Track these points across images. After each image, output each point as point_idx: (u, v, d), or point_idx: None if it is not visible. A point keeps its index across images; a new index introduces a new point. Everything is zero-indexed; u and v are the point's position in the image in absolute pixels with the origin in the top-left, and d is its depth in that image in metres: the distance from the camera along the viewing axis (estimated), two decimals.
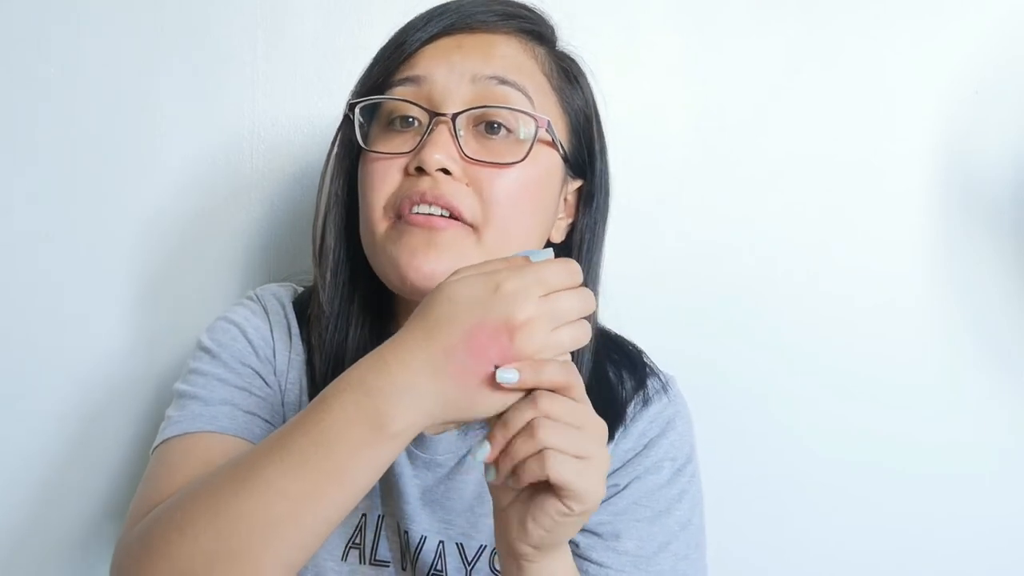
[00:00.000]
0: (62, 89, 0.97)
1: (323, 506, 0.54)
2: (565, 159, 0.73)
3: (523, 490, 0.56)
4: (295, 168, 0.99)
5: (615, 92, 0.80)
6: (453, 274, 0.56)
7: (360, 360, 0.55)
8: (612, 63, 0.80)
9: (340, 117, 0.96)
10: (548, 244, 0.75)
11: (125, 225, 0.98)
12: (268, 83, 0.98)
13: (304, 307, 0.78)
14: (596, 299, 0.77)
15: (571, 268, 0.56)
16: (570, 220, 0.77)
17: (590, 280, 0.77)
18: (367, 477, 0.54)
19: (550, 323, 0.53)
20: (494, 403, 0.54)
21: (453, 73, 0.68)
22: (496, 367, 0.52)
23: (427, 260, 0.66)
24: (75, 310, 0.97)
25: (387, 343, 0.55)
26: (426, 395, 0.53)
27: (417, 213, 0.66)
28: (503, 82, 0.69)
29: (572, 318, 0.55)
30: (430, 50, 0.70)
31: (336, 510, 0.54)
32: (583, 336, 0.56)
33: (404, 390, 0.53)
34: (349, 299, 0.74)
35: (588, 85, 0.77)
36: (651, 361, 0.81)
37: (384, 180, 0.69)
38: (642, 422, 0.76)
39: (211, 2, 0.98)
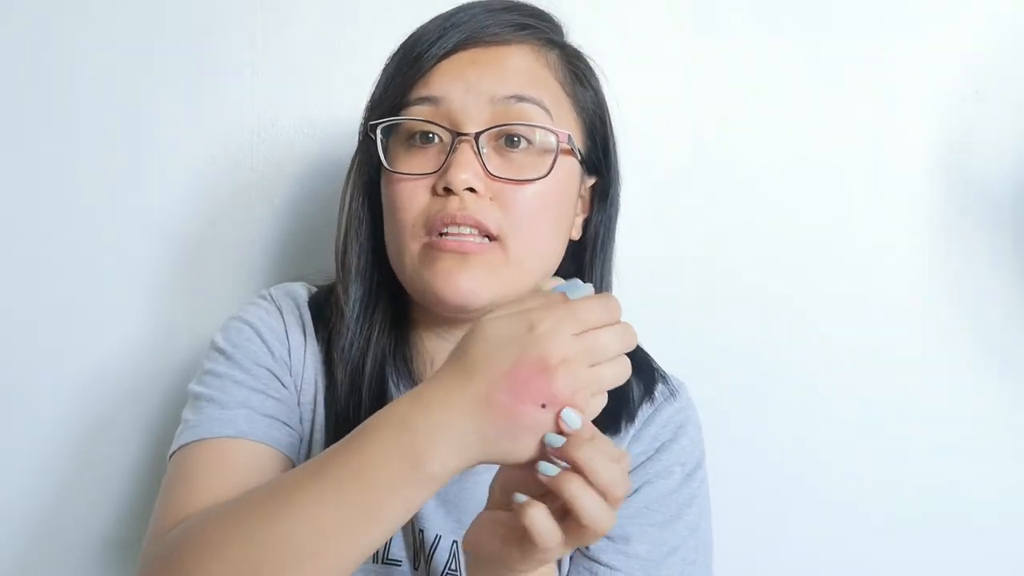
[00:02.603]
0: (63, 90, 0.96)
1: (354, 539, 0.53)
2: (582, 162, 0.74)
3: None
4: (295, 168, 0.99)
5: (617, 91, 0.80)
6: (489, 312, 0.55)
7: (400, 397, 0.55)
8: (611, 63, 0.80)
9: (340, 117, 0.98)
10: (569, 243, 0.76)
11: (125, 225, 0.97)
12: (268, 83, 0.98)
13: (320, 306, 0.78)
14: (611, 292, 0.78)
15: (609, 304, 0.55)
16: (585, 216, 0.79)
17: (605, 272, 0.79)
18: (400, 514, 0.54)
19: (587, 361, 0.53)
20: (533, 445, 0.53)
21: (470, 93, 0.69)
22: (543, 405, 0.52)
23: (460, 279, 0.67)
24: (76, 312, 0.97)
25: (427, 382, 0.55)
26: (464, 436, 0.52)
27: (447, 234, 0.68)
28: (521, 99, 0.69)
29: (611, 355, 0.54)
30: (445, 67, 0.70)
31: (366, 544, 0.54)
32: (623, 373, 0.55)
33: (443, 430, 0.52)
34: (371, 309, 0.75)
35: (598, 83, 0.78)
36: (658, 365, 0.81)
37: (412, 200, 0.70)
38: (654, 426, 0.77)
39: (211, 2, 0.97)
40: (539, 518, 0.52)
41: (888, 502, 1.01)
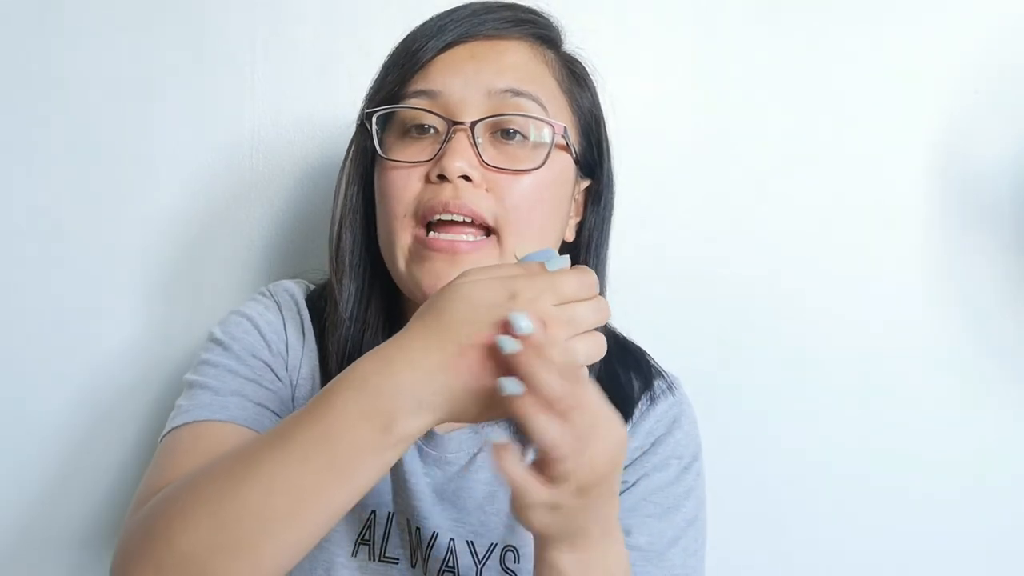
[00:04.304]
0: (62, 89, 0.96)
1: (324, 502, 0.53)
2: (576, 161, 0.75)
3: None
4: (295, 168, 0.99)
5: (615, 91, 0.80)
6: (464, 274, 0.55)
7: (366, 355, 0.54)
8: (612, 63, 0.80)
9: (340, 117, 0.98)
10: (562, 243, 0.76)
11: (125, 225, 0.97)
12: (268, 83, 0.98)
13: (317, 303, 0.78)
14: (603, 295, 0.78)
15: (587, 279, 0.55)
16: (578, 219, 0.79)
17: (599, 275, 0.77)
18: (371, 476, 0.54)
19: (564, 333, 0.53)
20: (504, 408, 0.52)
21: (468, 86, 0.70)
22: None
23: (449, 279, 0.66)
24: (75, 311, 0.97)
25: (393, 340, 0.54)
26: (432, 397, 0.52)
27: (440, 223, 0.67)
28: (518, 94, 0.70)
29: (586, 328, 0.54)
30: (443, 60, 0.71)
31: (338, 507, 0.54)
32: (597, 349, 0.55)
33: (410, 392, 0.52)
34: (365, 303, 0.75)
35: (594, 86, 0.79)
36: (655, 362, 0.82)
37: (405, 188, 0.70)
38: (649, 421, 0.77)
39: (211, 2, 0.98)
40: (506, 462, 0.51)
41: (889, 503, 1.01)
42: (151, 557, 0.54)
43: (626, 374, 0.78)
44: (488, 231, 0.69)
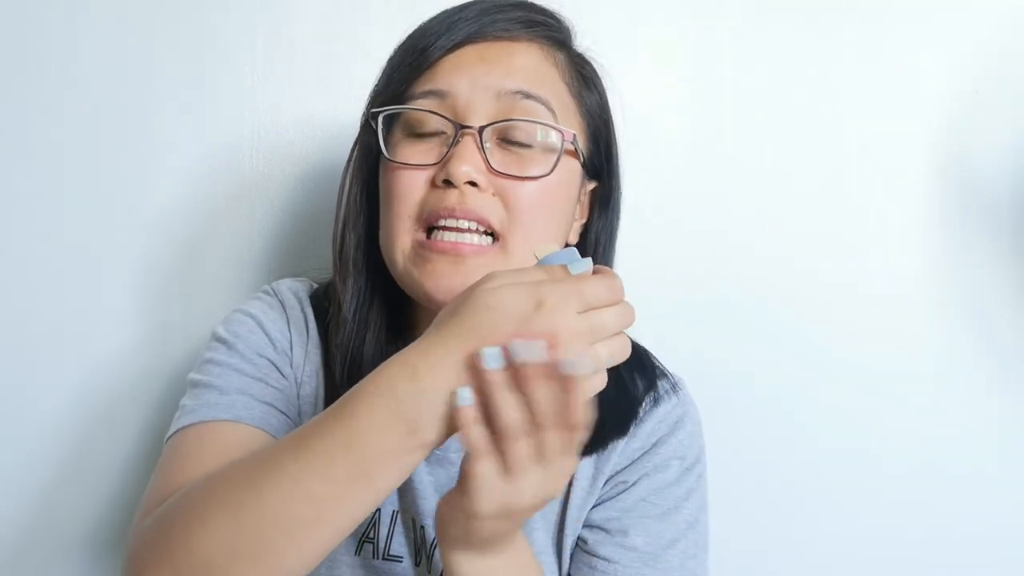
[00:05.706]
0: (63, 90, 0.96)
1: (346, 508, 0.53)
2: (584, 164, 0.74)
3: None
4: (295, 168, 0.99)
5: (615, 91, 0.80)
6: (487, 278, 0.54)
7: (387, 362, 0.54)
8: (612, 62, 0.80)
9: (340, 117, 0.98)
10: (566, 246, 0.75)
11: (125, 224, 0.98)
12: (268, 83, 0.98)
13: (320, 302, 0.78)
14: None
15: (614, 284, 0.54)
16: (583, 221, 0.78)
17: None
18: (395, 480, 0.54)
19: (590, 339, 0.52)
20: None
21: (476, 88, 0.68)
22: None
23: (454, 281, 0.66)
24: (75, 311, 0.97)
25: (415, 346, 0.54)
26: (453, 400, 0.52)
27: (444, 228, 0.67)
28: (527, 96, 0.69)
29: (611, 334, 0.54)
30: (452, 60, 0.70)
31: (359, 512, 0.54)
32: (621, 352, 0.54)
33: (434, 397, 0.51)
34: (368, 303, 0.75)
35: (603, 87, 0.78)
36: (659, 362, 0.81)
37: (410, 191, 0.69)
38: (651, 422, 0.76)
39: (211, 3, 0.98)
40: (469, 427, 0.51)
41: (889, 502, 1.01)
42: (169, 560, 0.54)
43: (630, 375, 0.78)
44: (493, 235, 0.69)
